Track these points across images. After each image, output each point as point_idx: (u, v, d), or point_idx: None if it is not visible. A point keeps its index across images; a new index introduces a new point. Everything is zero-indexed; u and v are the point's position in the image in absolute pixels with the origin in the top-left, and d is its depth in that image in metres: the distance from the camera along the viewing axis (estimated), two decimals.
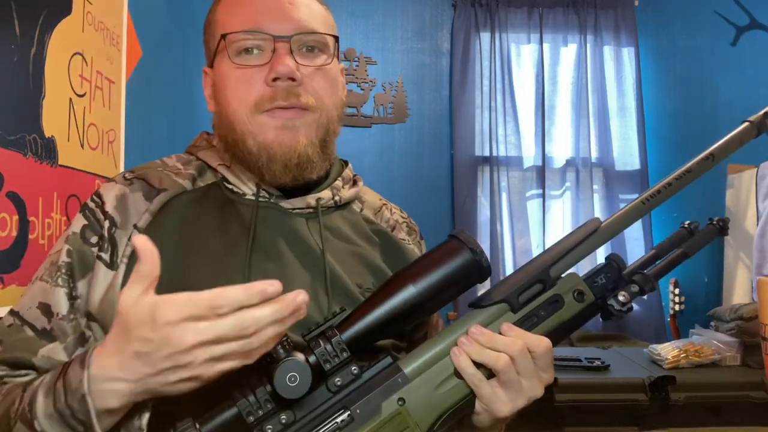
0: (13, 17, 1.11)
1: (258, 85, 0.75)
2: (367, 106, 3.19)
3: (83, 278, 0.73)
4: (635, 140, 3.19)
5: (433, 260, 0.66)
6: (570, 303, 0.68)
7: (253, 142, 0.76)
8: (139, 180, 0.79)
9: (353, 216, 0.85)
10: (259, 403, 0.58)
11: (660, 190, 0.72)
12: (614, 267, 0.70)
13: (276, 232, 0.77)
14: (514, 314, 0.67)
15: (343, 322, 0.63)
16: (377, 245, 0.84)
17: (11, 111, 1.11)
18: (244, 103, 0.76)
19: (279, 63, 0.74)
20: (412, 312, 0.64)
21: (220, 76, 0.78)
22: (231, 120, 0.77)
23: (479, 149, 3.20)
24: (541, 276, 0.67)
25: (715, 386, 1.91)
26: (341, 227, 0.82)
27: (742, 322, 2.09)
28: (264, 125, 0.75)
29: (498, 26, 3.18)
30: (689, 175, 0.73)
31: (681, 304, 2.90)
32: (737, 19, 3.19)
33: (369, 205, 0.89)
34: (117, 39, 1.59)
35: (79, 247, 0.74)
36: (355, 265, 0.79)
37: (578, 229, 0.71)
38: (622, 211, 0.71)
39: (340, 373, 0.62)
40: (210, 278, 0.70)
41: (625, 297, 0.68)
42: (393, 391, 0.62)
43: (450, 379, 0.64)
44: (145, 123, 1.89)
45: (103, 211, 0.75)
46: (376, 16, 3.24)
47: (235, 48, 0.76)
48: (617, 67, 3.23)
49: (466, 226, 3.09)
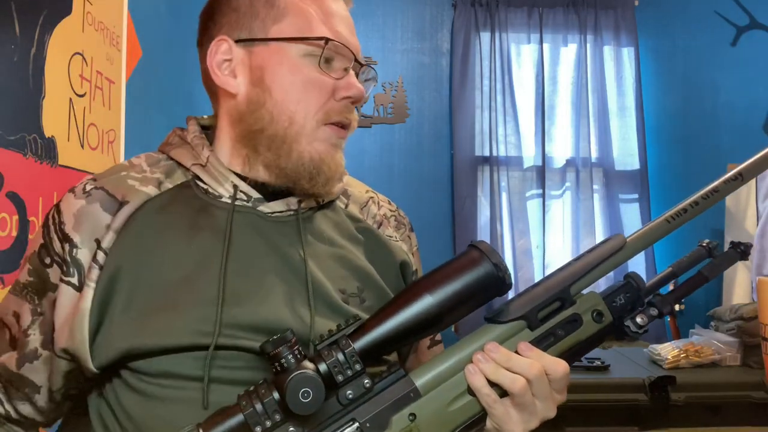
0: (13, 17, 1.11)
1: (326, 96, 0.74)
2: (367, 106, 3.18)
3: (44, 297, 0.72)
4: (635, 140, 3.19)
5: (453, 270, 0.63)
6: (588, 323, 0.66)
7: (306, 148, 0.73)
8: (99, 190, 0.74)
9: (337, 215, 0.81)
10: (267, 413, 0.56)
11: (686, 209, 0.69)
12: (634, 287, 0.68)
13: (253, 240, 0.73)
14: (531, 332, 0.64)
15: (357, 331, 0.60)
16: (361, 244, 0.80)
17: (11, 111, 1.11)
18: (311, 108, 0.73)
19: (356, 85, 0.75)
20: (429, 324, 0.62)
21: (287, 67, 0.73)
22: (283, 117, 0.73)
23: (479, 149, 3.20)
24: (560, 294, 0.65)
25: (715, 386, 1.91)
26: (324, 229, 0.78)
27: (742, 322, 2.09)
28: (320, 137, 0.74)
29: (498, 26, 3.18)
30: (716, 195, 0.71)
31: (681, 304, 2.90)
32: (737, 19, 3.19)
33: (355, 199, 0.86)
34: (117, 39, 1.59)
35: (37, 267, 0.73)
36: (338, 269, 0.76)
37: (601, 245, 0.68)
38: (646, 229, 0.69)
39: (352, 385, 0.59)
40: (185, 295, 0.68)
41: (643, 320, 0.67)
42: (404, 406, 0.60)
43: (462, 396, 0.62)
44: (145, 123, 1.88)
45: (63, 233, 0.71)
46: (376, 16, 3.24)
47: (326, 54, 0.74)
48: (617, 67, 3.23)
49: (466, 226, 3.09)
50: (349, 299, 0.74)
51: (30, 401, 0.74)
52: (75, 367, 0.71)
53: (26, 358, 0.72)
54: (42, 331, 0.72)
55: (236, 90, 0.75)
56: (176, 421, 0.63)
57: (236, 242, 0.72)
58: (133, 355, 0.67)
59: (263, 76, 0.74)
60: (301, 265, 0.73)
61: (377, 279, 0.77)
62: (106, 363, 0.68)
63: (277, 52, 0.74)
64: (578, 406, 1.84)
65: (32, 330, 0.72)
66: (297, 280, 0.72)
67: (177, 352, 0.66)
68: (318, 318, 0.70)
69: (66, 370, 0.72)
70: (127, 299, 0.68)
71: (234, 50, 0.75)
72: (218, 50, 0.75)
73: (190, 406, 0.65)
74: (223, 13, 0.77)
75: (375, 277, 0.77)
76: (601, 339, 0.67)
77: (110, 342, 0.67)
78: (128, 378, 0.68)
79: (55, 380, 0.72)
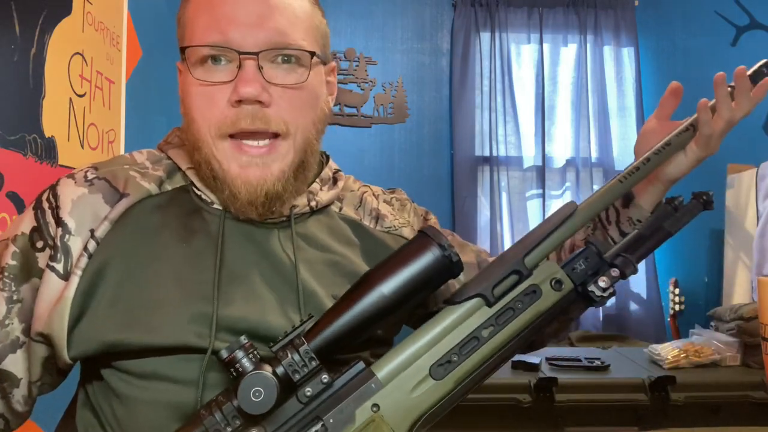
0: (13, 17, 1.11)
1: (221, 104, 0.68)
2: (367, 106, 3.18)
3: (26, 282, 0.69)
4: (635, 140, 3.18)
5: (400, 259, 0.62)
6: (547, 292, 0.64)
7: (218, 167, 0.70)
8: (102, 181, 0.72)
9: (331, 220, 0.79)
10: (227, 419, 0.56)
11: (638, 167, 0.69)
12: (594, 251, 0.66)
13: (244, 247, 0.72)
14: (489, 308, 0.64)
15: (311, 330, 0.60)
16: (357, 248, 0.78)
17: (11, 111, 1.11)
18: (207, 123, 0.69)
19: (243, 83, 0.66)
20: (382, 315, 0.61)
21: (184, 85, 0.71)
22: (196, 137, 0.70)
23: (479, 149, 3.20)
24: (515, 267, 0.64)
25: (715, 386, 1.91)
26: (317, 234, 0.76)
27: (742, 322, 2.09)
28: (228, 155, 0.69)
29: (498, 26, 3.18)
30: (669, 149, 0.71)
31: (681, 304, 2.90)
32: (737, 19, 3.19)
33: (349, 200, 0.83)
34: (117, 39, 1.59)
35: (25, 250, 0.69)
36: (331, 275, 0.74)
37: (554, 215, 0.67)
38: (599, 192, 0.68)
39: (310, 383, 0.59)
40: (175, 294, 0.67)
41: (606, 282, 0.64)
42: (366, 398, 0.60)
43: (425, 380, 0.61)
44: (145, 123, 1.89)
45: (57, 217, 0.69)
46: (376, 16, 3.24)
47: (196, 59, 0.69)
48: (617, 67, 3.23)
49: (466, 226, 3.09)
50: None
51: (5, 397, 0.70)
52: (51, 354, 0.69)
53: (8, 349, 0.69)
54: (22, 318, 0.69)
55: (181, 112, 0.74)
56: (166, 425, 0.62)
57: (227, 248, 0.71)
58: (117, 352, 0.65)
59: (182, 99, 0.73)
60: (292, 271, 0.72)
61: None
62: (85, 355, 0.66)
63: (181, 74, 0.73)
64: (578, 406, 1.83)
65: (9, 319, 0.68)
66: (288, 287, 0.71)
67: (166, 353, 0.65)
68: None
69: (44, 356, 0.69)
70: (114, 292, 0.67)
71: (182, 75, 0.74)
72: (179, 77, 0.75)
73: (180, 409, 0.65)
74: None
75: None
76: (566, 308, 0.65)
77: (92, 334, 0.66)
78: (115, 381, 0.67)
79: (34, 370, 0.70)
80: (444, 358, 0.62)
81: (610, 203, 0.69)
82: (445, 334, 0.63)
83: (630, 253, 0.66)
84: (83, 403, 0.71)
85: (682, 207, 0.68)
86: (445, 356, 0.62)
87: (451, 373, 0.62)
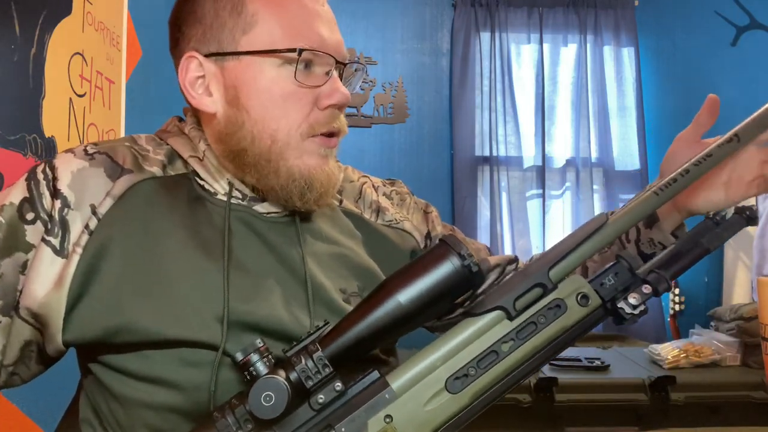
0: (13, 17, 1.11)
1: (308, 106, 0.70)
2: (367, 106, 3.19)
3: (8, 257, 0.64)
4: (635, 140, 3.20)
5: (419, 268, 0.60)
6: (573, 308, 0.61)
7: (294, 163, 0.70)
8: (102, 155, 0.69)
9: (334, 213, 0.79)
10: (239, 423, 0.55)
11: (676, 178, 0.63)
12: (625, 266, 0.63)
13: (249, 241, 0.71)
14: (510, 321, 0.61)
15: (326, 336, 0.59)
16: (360, 240, 0.78)
17: (11, 111, 1.11)
18: (293, 123, 0.69)
19: (339, 90, 0.70)
20: (398, 325, 0.59)
21: (262, 83, 0.69)
22: (264, 136, 0.69)
23: (479, 149, 3.20)
24: (539, 279, 0.61)
25: (715, 386, 1.91)
26: (322, 227, 0.76)
27: (742, 322, 2.09)
28: (308, 150, 0.71)
29: (498, 26, 3.18)
30: (710, 160, 0.64)
31: (681, 304, 2.90)
32: (737, 19, 3.19)
33: (348, 193, 0.83)
34: (117, 39, 1.59)
35: (12, 221, 0.65)
36: (338, 268, 0.74)
37: (583, 227, 0.63)
38: (632, 204, 0.63)
39: (323, 390, 0.57)
40: (189, 278, 0.66)
41: (637, 299, 0.61)
42: (380, 408, 0.58)
43: (440, 394, 0.59)
44: (145, 123, 1.89)
45: (54, 188, 0.66)
46: (376, 16, 3.24)
47: (290, 59, 0.69)
48: (617, 67, 3.23)
49: (466, 226, 3.09)
50: (350, 299, 0.73)
51: None
52: (35, 339, 0.66)
53: None
54: (0, 295, 0.64)
55: (214, 109, 0.71)
56: (166, 427, 0.62)
57: (233, 241, 0.70)
58: (115, 343, 0.63)
59: (238, 95, 0.70)
60: (299, 265, 0.71)
61: (380, 276, 0.76)
62: (82, 340, 0.64)
63: (249, 67, 0.69)
64: (578, 406, 1.84)
65: None
66: (295, 281, 0.70)
67: (170, 346, 0.64)
68: (317, 319, 0.68)
69: (26, 340, 0.66)
70: (119, 274, 0.65)
71: (205, 66, 0.71)
72: (188, 68, 0.72)
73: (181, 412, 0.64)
74: (188, 23, 0.73)
75: (377, 274, 0.76)
76: (593, 323, 0.62)
77: (94, 318, 0.64)
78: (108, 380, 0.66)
79: (10, 352, 0.66)
80: (461, 372, 0.60)
81: (644, 217, 0.64)
82: (463, 347, 0.60)
83: (663, 270, 0.63)
84: (85, 404, 0.71)
85: (724, 222, 0.65)
86: (462, 369, 0.60)
87: (468, 387, 0.60)
